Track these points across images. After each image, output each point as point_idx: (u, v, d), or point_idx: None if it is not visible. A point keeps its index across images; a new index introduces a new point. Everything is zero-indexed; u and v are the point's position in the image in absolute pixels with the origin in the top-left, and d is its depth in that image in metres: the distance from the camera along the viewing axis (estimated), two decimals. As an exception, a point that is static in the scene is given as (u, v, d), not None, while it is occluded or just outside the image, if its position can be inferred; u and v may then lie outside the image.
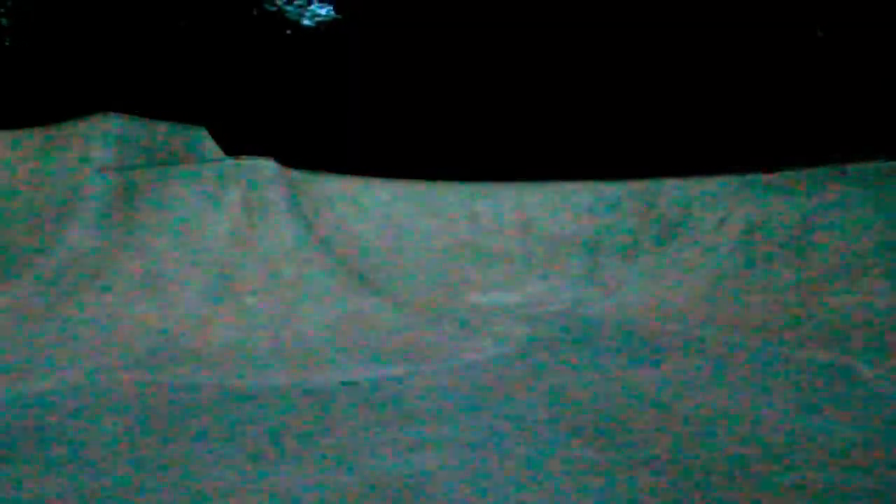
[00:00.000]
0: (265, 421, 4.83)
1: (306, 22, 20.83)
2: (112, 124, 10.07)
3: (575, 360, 6.74)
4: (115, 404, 5.25)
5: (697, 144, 14.50)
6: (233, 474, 3.78)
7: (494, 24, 17.40)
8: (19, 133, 10.47)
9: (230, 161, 9.70)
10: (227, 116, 15.99)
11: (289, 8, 20.62)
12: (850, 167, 9.33)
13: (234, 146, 12.54)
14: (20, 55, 17.48)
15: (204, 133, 11.86)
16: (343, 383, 5.90)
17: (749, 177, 10.35)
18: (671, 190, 11.00)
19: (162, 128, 10.96)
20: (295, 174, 10.52)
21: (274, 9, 20.46)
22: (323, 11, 20.76)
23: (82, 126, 10.17)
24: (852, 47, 13.94)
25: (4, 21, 18.44)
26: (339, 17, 20.35)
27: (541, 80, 16.77)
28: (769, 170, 10.31)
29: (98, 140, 9.88)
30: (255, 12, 19.99)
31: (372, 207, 11.23)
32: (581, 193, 11.64)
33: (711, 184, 10.71)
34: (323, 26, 20.57)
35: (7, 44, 18.16)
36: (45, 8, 17.52)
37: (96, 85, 16.28)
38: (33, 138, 10.34)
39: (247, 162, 9.17)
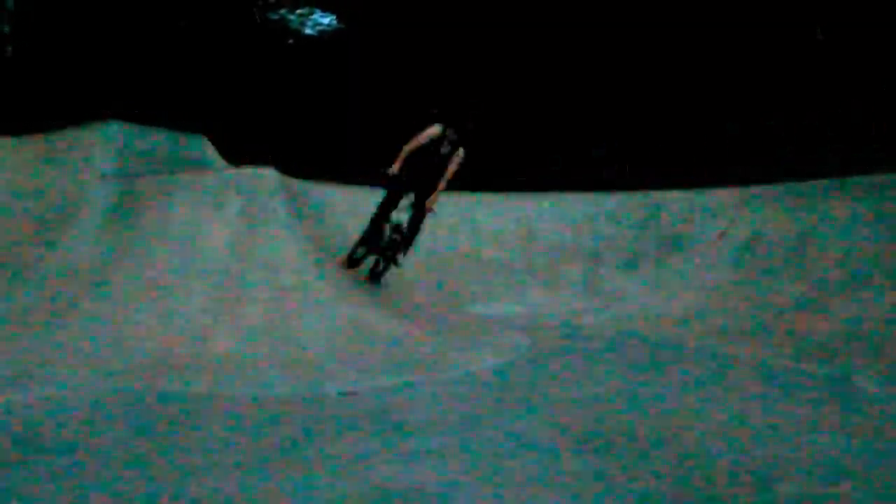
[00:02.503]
0: (264, 430, 4.82)
1: (308, 31, 20.89)
2: (114, 132, 10.09)
3: (576, 370, 6.73)
4: (115, 413, 5.24)
5: (698, 156, 14.51)
6: (231, 483, 3.77)
7: (496, 36, 17.45)
8: (20, 140, 10.48)
9: (231, 170, 9.71)
10: (228, 125, 16.02)
11: (291, 17, 20.68)
12: (851, 180, 9.34)
13: (236, 155, 12.57)
14: (21, 62, 17.53)
15: (205, 141, 11.88)
16: (342, 393, 5.90)
17: (750, 189, 10.36)
18: (672, 202, 11.01)
19: (163, 136, 10.98)
20: (296, 183, 10.53)
21: (276, 17, 20.53)
22: (325, 21, 20.81)
23: (84, 133, 10.18)
24: (852, 58, 13.97)
25: (6, 29, 18.49)
26: (342, 26, 20.41)
27: (541, 90, 16.81)
28: (770, 182, 10.32)
29: (99, 148, 9.89)
30: (257, 21, 20.05)
31: (373, 217, 11.22)
32: (582, 204, 11.64)
33: (712, 196, 10.71)
34: (325, 35, 20.62)
35: (9, 50, 18.21)
36: (47, 15, 17.57)
37: (98, 92, 16.33)
38: (34, 145, 10.35)
39: (247, 171, 9.18)
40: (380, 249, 9.34)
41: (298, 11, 20.71)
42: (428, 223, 9.38)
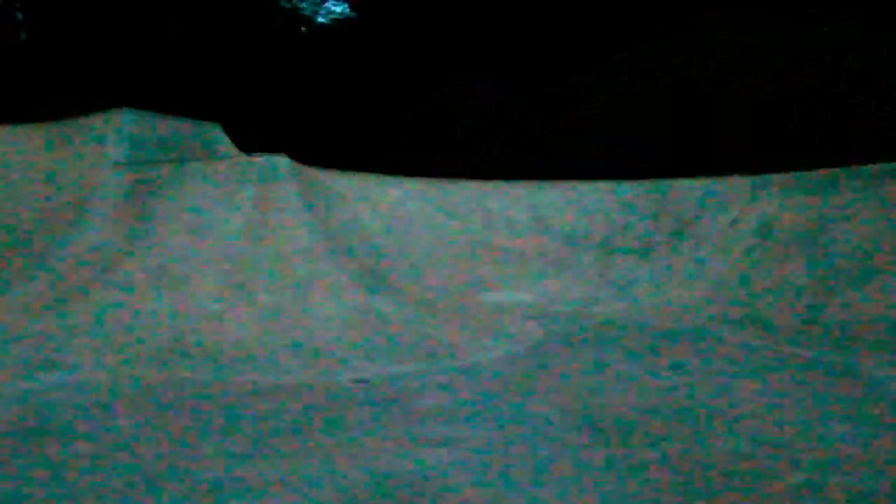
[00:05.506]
0: (277, 417, 4.85)
1: (321, 19, 20.88)
2: (126, 120, 10.11)
3: (587, 359, 6.73)
4: (127, 400, 5.29)
5: (711, 144, 14.44)
6: (245, 469, 3.80)
7: (506, 21, 17.38)
8: (33, 128, 10.52)
9: (244, 158, 9.73)
10: (241, 113, 16.04)
11: (303, 5, 20.66)
12: (863, 168, 9.29)
13: (249, 143, 12.58)
14: (35, 49, 17.59)
15: (218, 129, 11.90)
16: (354, 381, 5.92)
17: (762, 177, 10.32)
18: (685, 190, 10.96)
19: (176, 124, 11.01)
20: (308, 171, 10.54)
21: (289, 6, 20.51)
22: (338, 9, 20.78)
23: (97, 121, 10.22)
24: (862, 45, 13.84)
25: (20, 15, 18.55)
26: (354, 14, 20.39)
27: (555, 80, 16.74)
28: (783, 170, 10.27)
29: (112, 135, 9.93)
30: (269, 9, 20.04)
31: (385, 205, 11.24)
32: (594, 193, 11.62)
33: (725, 184, 10.67)
34: (337, 23, 20.60)
35: (22, 38, 18.27)
36: (61, 1, 17.60)
37: (111, 80, 16.37)
38: (47, 133, 10.39)
39: (260, 159, 9.20)
40: None
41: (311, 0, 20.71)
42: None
